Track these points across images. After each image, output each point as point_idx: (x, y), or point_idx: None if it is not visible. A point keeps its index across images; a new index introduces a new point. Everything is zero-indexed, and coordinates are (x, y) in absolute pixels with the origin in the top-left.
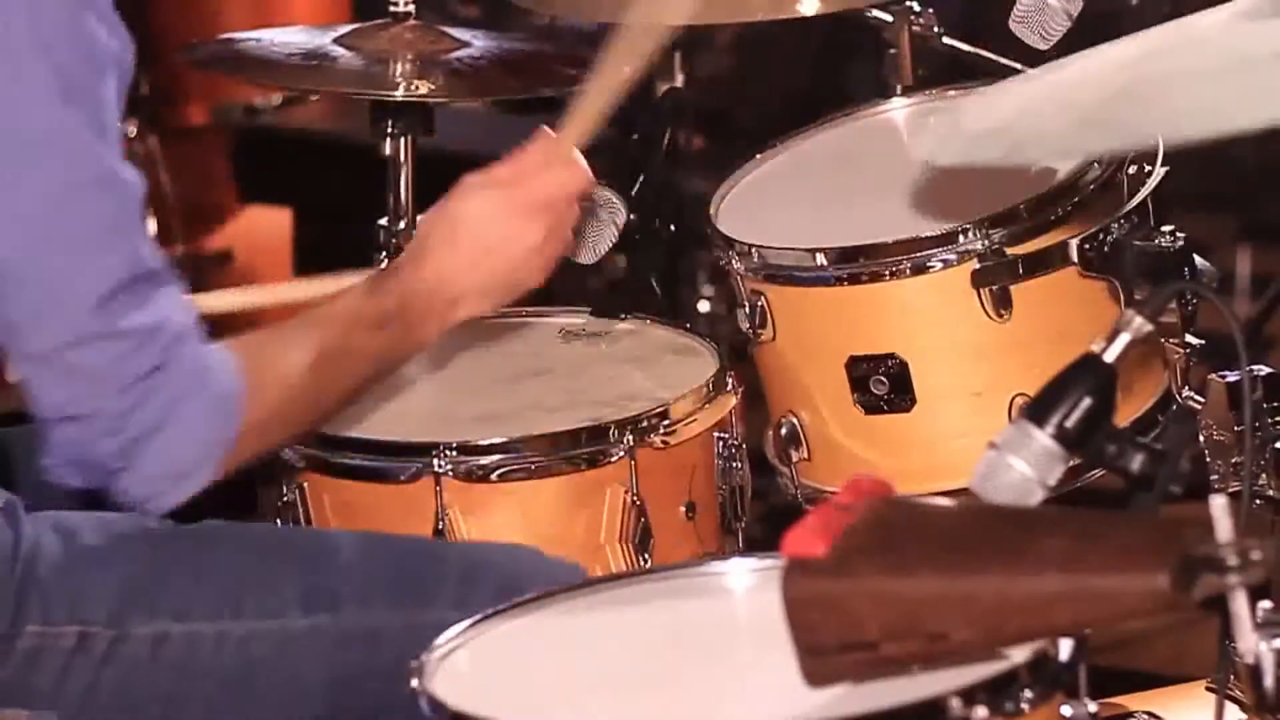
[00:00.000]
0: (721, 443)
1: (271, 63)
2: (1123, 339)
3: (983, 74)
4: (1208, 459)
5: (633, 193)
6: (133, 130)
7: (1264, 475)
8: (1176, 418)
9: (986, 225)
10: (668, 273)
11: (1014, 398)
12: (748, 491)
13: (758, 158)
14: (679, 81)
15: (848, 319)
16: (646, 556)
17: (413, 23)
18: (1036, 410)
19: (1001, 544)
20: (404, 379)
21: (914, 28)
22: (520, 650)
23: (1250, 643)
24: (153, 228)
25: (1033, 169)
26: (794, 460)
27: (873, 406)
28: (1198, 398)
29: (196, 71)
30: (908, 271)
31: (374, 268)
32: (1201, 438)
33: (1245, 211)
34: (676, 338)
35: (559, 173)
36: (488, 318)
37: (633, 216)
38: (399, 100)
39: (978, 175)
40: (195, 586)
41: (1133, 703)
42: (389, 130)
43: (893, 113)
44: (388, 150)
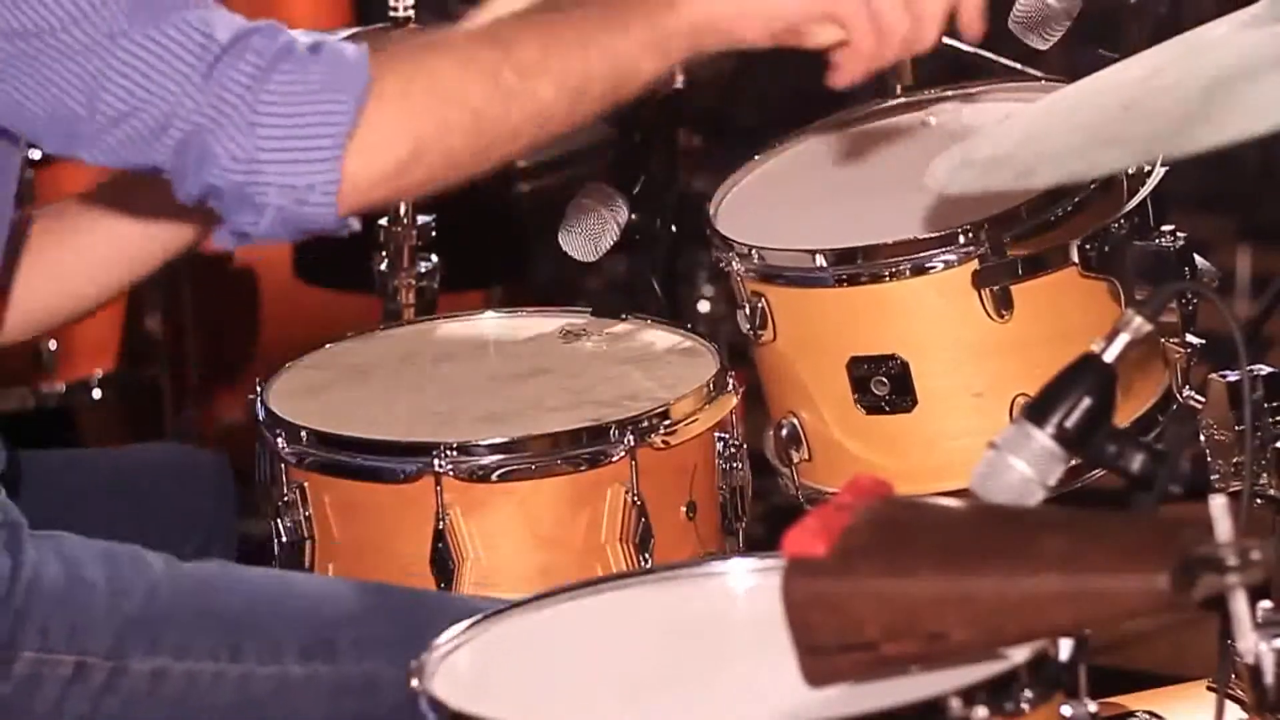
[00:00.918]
0: (722, 443)
1: None
2: (1123, 339)
3: (983, 74)
4: (1208, 459)
5: (634, 192)
6: None
7: (1264, 475)
8: (1176, 418)
9: (987, 226)
10: (668, 273)
11: (1014, 398)
12: (748, 492)
13: (757, 158)
14: (679, 82)
15: (848, 320)
16: (647, 556)
17: (413, 27)
18: (1036, 410)
19: (1001, 544)
20: (404, 379)
21: None
22: (520, 650)
23: (1250, 643)
24: None
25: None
26: (794, 460)
27: (873, 407)
28: (1198, 398)
29: None
30: (908, 272)
31: (374, 269)
32: (1201, 438)
33: (1245, 211)
34: (676, 338)
35: None
36: (487, 317)
37: (633, 216)
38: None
39: None
40: (195, 626)
41: (1133, 703)
42: None
43: (893, 113)
44: None
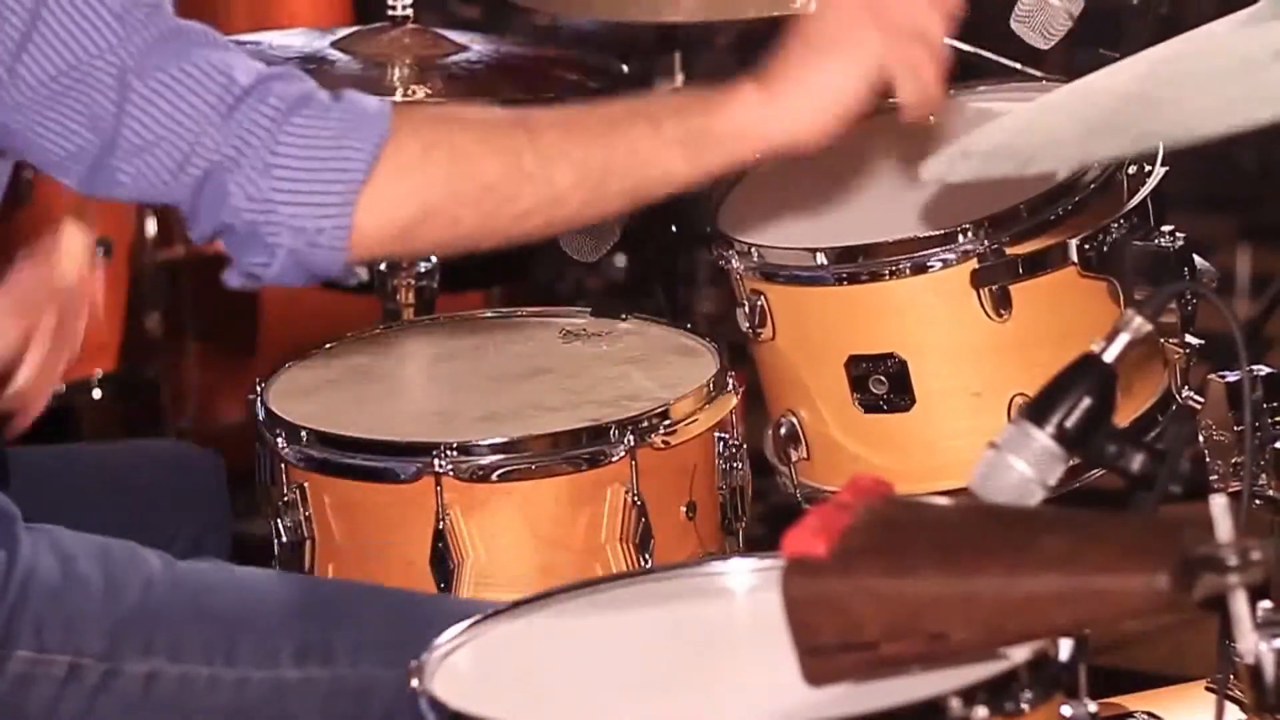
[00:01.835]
0: (722, 443)
1: None
2: (1122, 339)
3: (983, 74)
4: (1208, 459)
5: None
6: None
7: (1264, 475)
8: (1176, 418)
9: (986, 225)
10: (668, 273)
11: (1014, 398)
12: (748, 491)
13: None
14: (679, 82)
15: (847, 319)
16: (647, 556)
17: (411, 26)
18: (1036, 410)
19: (1001, 544)
20: (404, 379)
21: None
22: (520, 650)
23: (1250, 643)
24: (153, 229)
25: (1042, 177)
26: (793, 460)
27: (872, 406)
28: (1198, 398)
29: None
30: (907, 271)
31: (374, 270)
32: (1201, 438)
33: (1245, 211)
34: (676, 338)
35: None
36: (487, 317)
37: (633, 216)
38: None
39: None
40: (190, 628)
41: (1133, 703)
42: None
43: (893, 113)
44: None
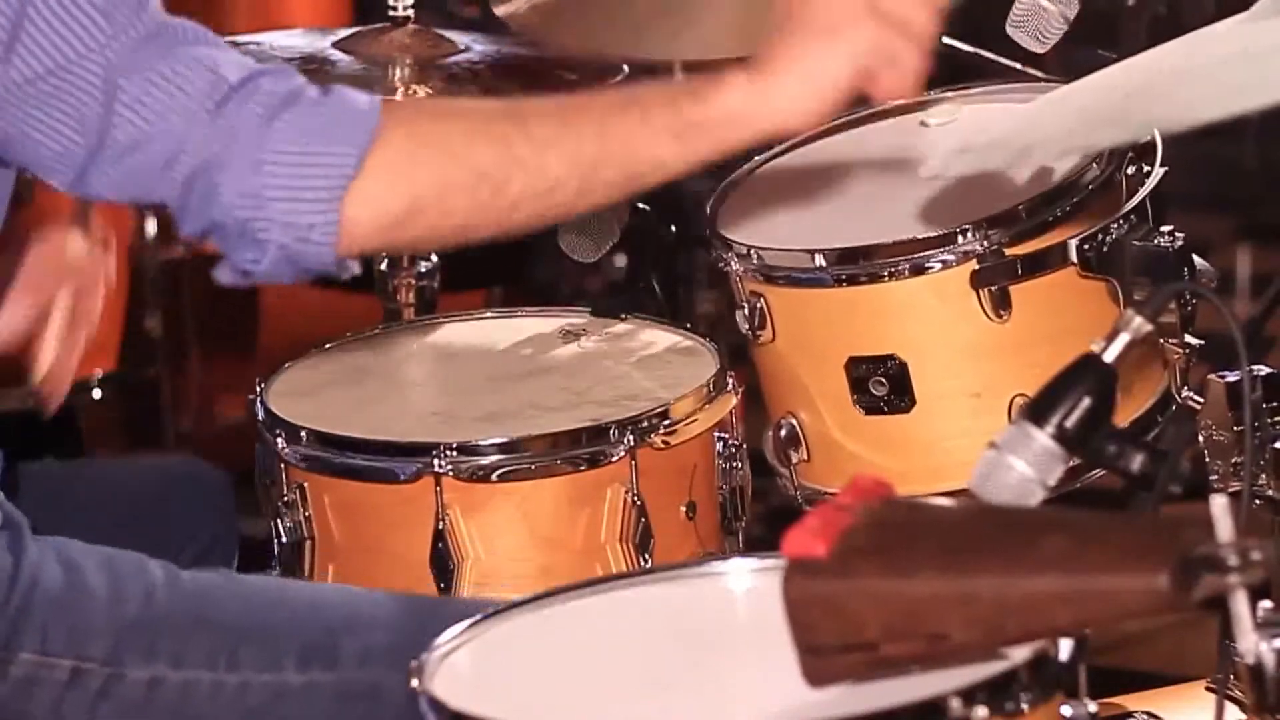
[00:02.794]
0: (722, 443)
1: None
2: (1122, 339)
3: (982, 74)
4: (1208, 459)
5: None
6: None
7: (1264, 475)
8: (1176, 418)
9: (985, 226)
10: (668, 273)
11: (1014, 398)
12: (748, 492)
13: (757, 159)
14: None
15: (847, 320)
16: (647, 556)
17: (412, 27)
18: (1036, 410)
19: (1001, 544)
20: (404, 379)
21: None
22: (520, 650)
23: (1250, 643)
24: (153, 229)
25: (1040, 170)
26: (793, 461)
27: (872, 407)
28: (1197, 398)
29: None
30: (907, 272)
31: (374, 269)
32: (1201, 438)
33: (1245, 211)
34: (676, 338)
35: None
36: (487, 317)
37: (633, 217)
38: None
39: (977, 176)
40: (193, 633)
41: (1133, 703)
42: None
43: (892, 113)
44: None
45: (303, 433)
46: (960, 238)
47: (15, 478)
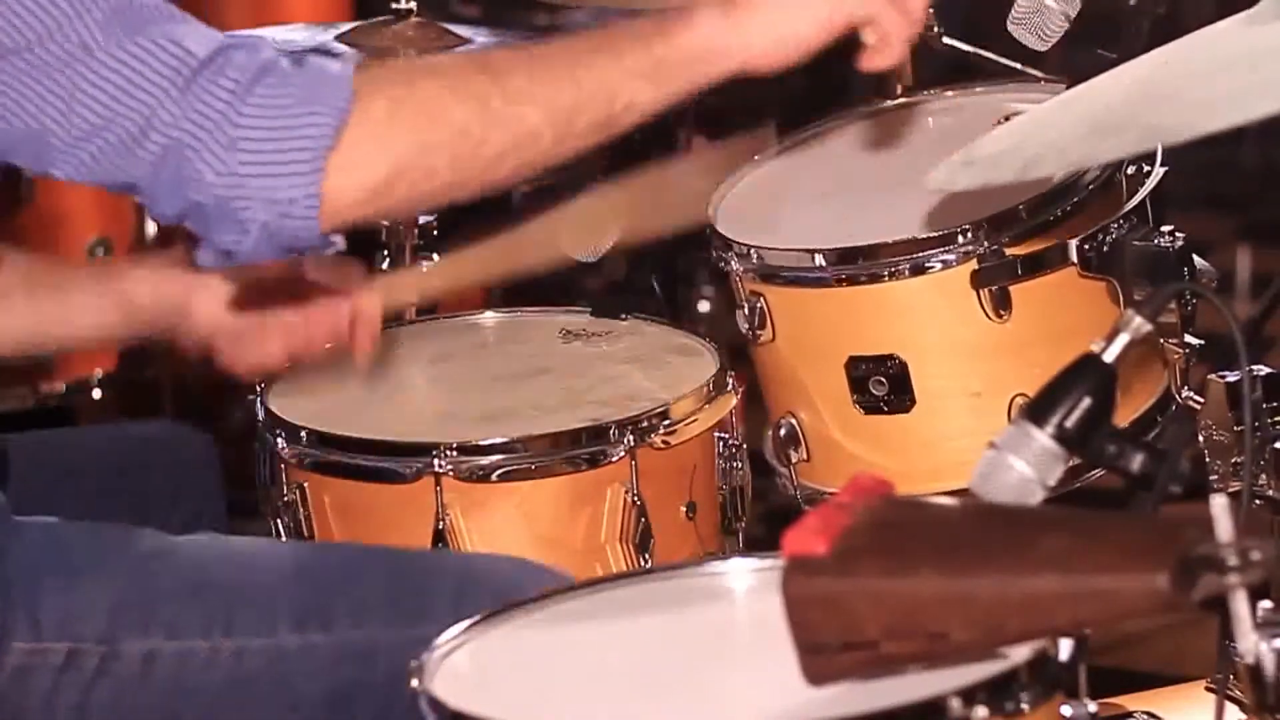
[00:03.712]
0: (722, 443)
1: None
2: (1122, 339)
3: (983, 74)
4: (1208, 459)
5: None
6: None
7: (1264, 475)
8: (1176, 418)
9: (986, 226)
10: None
11: (1014, 398)
12: (748, 491)
13: (757, 158)
14: None
15: (847, 320)
16: (647, 556)
17: (415, 20)
18: (1036, 410)
19: (1001, 544)
20: (404, 379)
21: None
22: (520, 651)
23: (1250, 643)
24: (153, 229)
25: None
26: (793, 461)
27: (872, 407)
28: (1197, 398)
29: None
30: (907, 272)
31: (374, 267)
32: (1201, 438)
33: (1245, 211)
34: (676, 338)
35: None
36: (487, 317)
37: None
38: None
39: None
40: (187, 603)
41: (1133, 703)
42: None
43: (892, 113)
44: None
45: (303, 433)
46: (960, 237)
47: (6, 466)
